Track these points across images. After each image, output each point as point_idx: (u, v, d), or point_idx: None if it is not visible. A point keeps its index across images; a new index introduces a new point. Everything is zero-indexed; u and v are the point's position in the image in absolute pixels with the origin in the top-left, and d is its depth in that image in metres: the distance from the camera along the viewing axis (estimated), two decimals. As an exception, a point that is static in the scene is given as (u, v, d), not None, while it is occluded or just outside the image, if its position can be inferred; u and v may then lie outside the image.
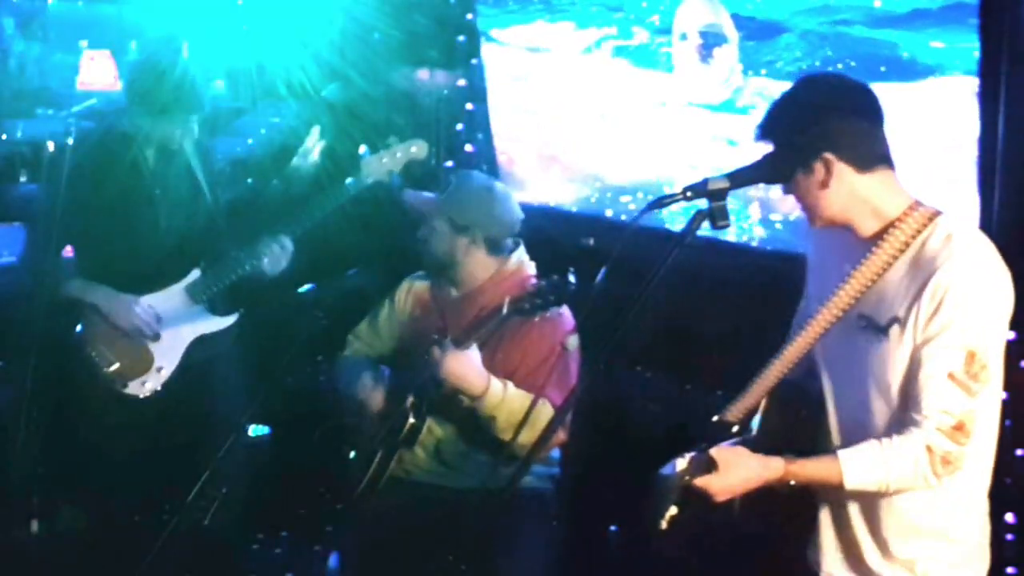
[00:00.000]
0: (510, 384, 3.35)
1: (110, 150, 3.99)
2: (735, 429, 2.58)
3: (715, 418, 2.59)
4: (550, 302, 3.23)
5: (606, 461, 4.14)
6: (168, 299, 4.01)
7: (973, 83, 3.45)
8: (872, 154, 2.50)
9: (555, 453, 3.61)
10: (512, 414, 3.29)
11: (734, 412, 2.59)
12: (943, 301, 2.39)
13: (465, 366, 3.30)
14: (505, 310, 3.29)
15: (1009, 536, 3.41)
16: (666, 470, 2.56)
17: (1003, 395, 2.55)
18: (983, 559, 2.65)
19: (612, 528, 4.31)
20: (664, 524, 2.54)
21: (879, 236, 2.48)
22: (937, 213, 2.49)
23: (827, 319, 2.51)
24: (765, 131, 2.55)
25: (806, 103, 2.53)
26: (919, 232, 2.46)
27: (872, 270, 2.46)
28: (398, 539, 3.44)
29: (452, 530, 3.35)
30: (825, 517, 2.63)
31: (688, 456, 2.52)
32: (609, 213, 4.71)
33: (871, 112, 2.51)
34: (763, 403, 2.63)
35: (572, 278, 3.21)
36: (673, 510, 2.54)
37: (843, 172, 2.47)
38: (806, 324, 2.54)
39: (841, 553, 2.63)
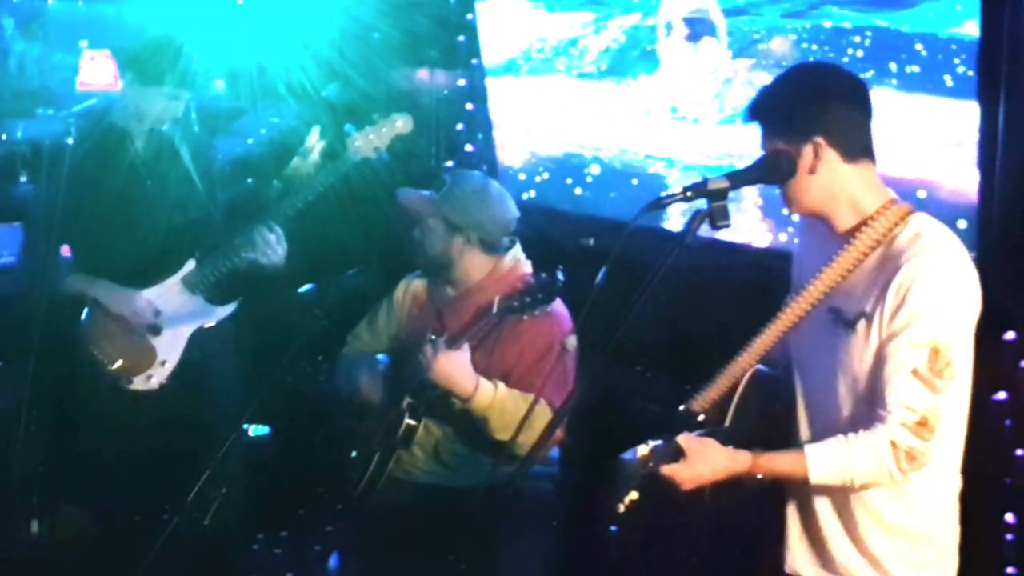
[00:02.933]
0: (501, 385, 3.34)
1: (100, 144, 3.99)
2: (700, 419, 2.60)
3: (681, 407, 2.61)
4: (539, 300, 3.23)
5: (606, 461, 4.13)
6: (166, 292, 4.01)
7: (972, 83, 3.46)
8: (859, 145, 2.53)
9: (554, 453, 3.60)
10: (505, 414, 3.29)
11: (700, 402, 2.62)
12: (906, 297, 2.41)
13: (454, 367, 3.30)
14: (495, 309, 3.29)
15: (1009, 536, 3.40)
16: (627, 455, 2.58)
17: (1003, 395, 2.55)
18: (951, 563, 2.65)
19: (612, 528, 4.31)
20: (622, 508, 2.55)
21: (853, 231, 2.51)
22: (911, 211, 2.51)
23: (796, 313, 2.54)
24: (755, 112, 2.58)
25: (801, 87, 2.57)
26: (892, 229, 2.48)
27: (843, 265, 2.49)
28: (398, 539, 3.44)
29: (452, 530, 3.35)
30: (792, 512, 2.65)
31: (651, 443, 2.56)
32: (596, 170, 4.70)
33: (862, 103, 2.55)
34: (739, 395, 2.65)
35: (560, 275, 3.21)
36: (634, 495, 2.56)
37: (831, 158, 2.50)
38: (776, 317, 2.56)
39: (807, 549, 2.64)
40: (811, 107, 2.50)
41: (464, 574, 3.31)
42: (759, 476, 2.51)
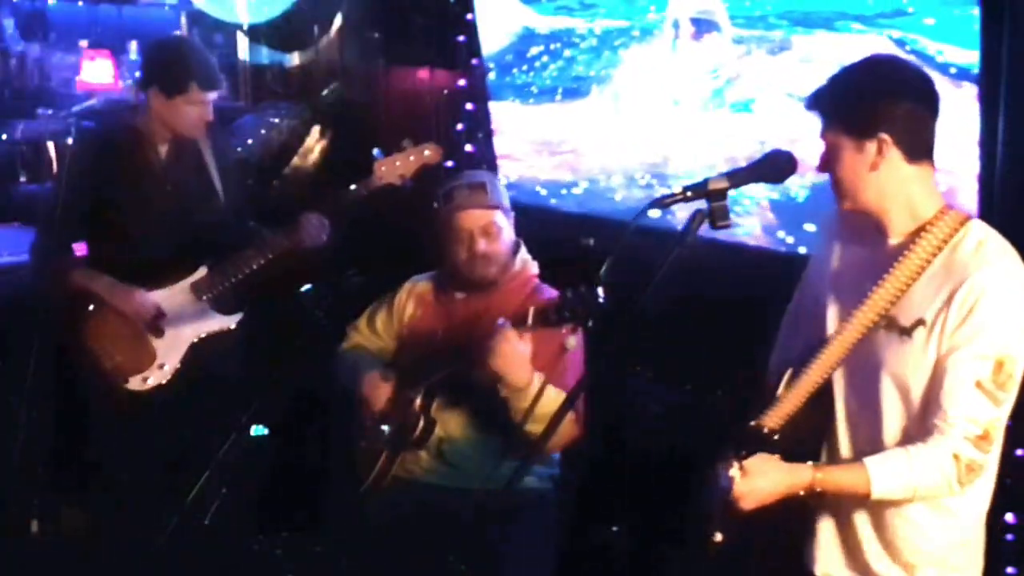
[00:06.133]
0: (548, 382, 3.30)
1: (123, 146, 3.99)
2: (776, 438, 2.52)
3: (751, 423, 2.53)
4: (577, 315, 3.10)
5: (606, 461, 4.14)
6: (173, 296, 4.00)
7: (972, 88, 3.46)
8: (923, 145, 2.48)
9: (555, 453, 3.60)
10: (542, 407, 3.24)
11: (772, 419, 2.53)
12: (974, 309, 2.37)
13: (519, 356, 3.21)
14: (530, 321, 3.20)
15: (1009, 536, 3.41)
16: (723, 482, 2.48)
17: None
18: (979, 564, 2.64)
19: (612, 528, 4.31)
20: (720, 537, 2.49)
21: (911, 237, 2.47)
22: (968, 217, 2.48)
23: (863, 323, 2.48)
24: (819, 101, 2.53)
25: (873, 80, 2.51)
26: (951, 236, 2.44)
27: (906, 273, 2.44)
28: (399, 539, 3.44)
29: (452, 530, 3.35)
30: (825, 516, 2.62)
31: (737, 465, 2.47)
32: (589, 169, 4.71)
33: (931, 103, 2.50)
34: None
35: (601, 295, 2.86)
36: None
37: (894, 157, 2.45)
38: (841, 328, 2.51)
39: (840, 553, 2.62)
40: (881, 102, 2.44)
41: (464, 574, 3.31)
42: (818, 491, 2.47)
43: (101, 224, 3.97)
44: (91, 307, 3.98)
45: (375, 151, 3.85)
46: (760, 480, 2.46)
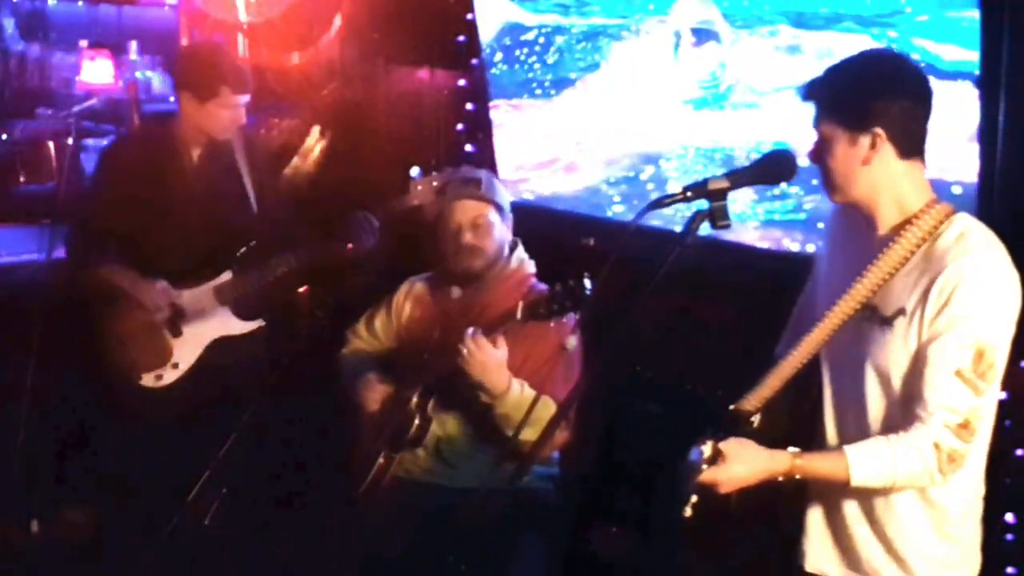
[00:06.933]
0: (527, 385, 3.33)
1: (155, 147, 4.00)
2: (754, 419, 2.55)
3: (731, 407, 2.56)
4: (566, 307, 3.14)
5: (606, 461, 4.13)
6: (195, 297, 4.00)
7: (972, 85, 3.46)
8: (916, 143, 2.50)
9: (555, 453, 3.60)
10: (523, 413, 3.26)
11: (752, 402, 2.56)
12: (951, 298, 2.39)
13: (493, 361, 3.25)
14: (519, 315, 3.23)
15: (1009, 536, 3.41)
16: (693, 456, 2.50)
17: (1003, 395, 2.55)
18: (976, 562, 2.64)
19: (612, 528, 4.31)
20: (689, 511, 2.50)
21: (896, 230, 2.48)
22: (953, 210, 2.49)
23: (844, 312, 2.50)
24: (815, 91, 2.53)
25: (871, 75, 2.51)
26: (935, 228, 2.46)
27: (889, 264, 2.46)
28: (398, 539, 3.44)
29: (452, 530, 3.35)
30: (816, 511, 2.63)
31: (710, 443, 2.48)
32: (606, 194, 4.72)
33: (927, 101, 2.51)
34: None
35: (588, 283, 3.08)
36: (694, 498, 2.52)
37: (886, 152, 2.47)
38: (823, 316, 2.53)
39: (832, 548, 2.63)
40: (878, 97, 2.45)
41: (464, 574, 3.31)
42: (797, 477, 2.48)
43: (130, 224, 3.97)
44: (112, 302, 3.99)
45: (413, 171, 3.85)
46: (738, 465, 2.47)
